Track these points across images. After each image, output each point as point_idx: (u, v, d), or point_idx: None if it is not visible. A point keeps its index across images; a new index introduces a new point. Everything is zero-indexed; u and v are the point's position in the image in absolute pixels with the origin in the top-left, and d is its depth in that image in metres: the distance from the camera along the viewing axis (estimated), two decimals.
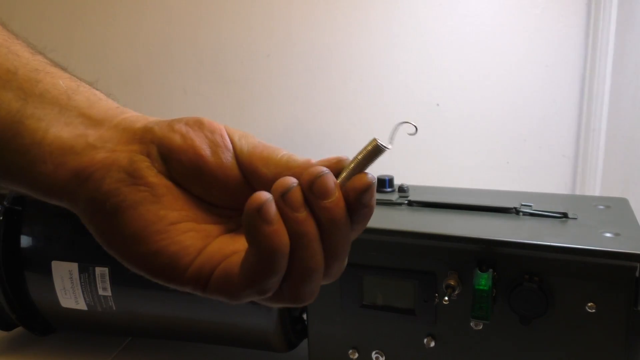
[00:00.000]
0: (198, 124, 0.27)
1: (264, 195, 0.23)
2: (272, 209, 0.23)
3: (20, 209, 0.53)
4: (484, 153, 1.10)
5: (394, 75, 1.10)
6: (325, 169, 0.24)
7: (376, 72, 1.09)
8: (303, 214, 0.24)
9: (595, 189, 1.01)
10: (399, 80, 1.10)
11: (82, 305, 0.52)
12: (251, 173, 0.27)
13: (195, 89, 1.08)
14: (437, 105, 1.11)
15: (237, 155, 0.27)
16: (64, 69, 0.29)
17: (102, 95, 0.29)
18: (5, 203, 0.52)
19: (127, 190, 0.26)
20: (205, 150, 0.27)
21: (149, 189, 0.26)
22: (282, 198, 0.24)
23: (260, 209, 0.23)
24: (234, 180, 0.27)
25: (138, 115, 0.29)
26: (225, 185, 0.27)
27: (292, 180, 0.24)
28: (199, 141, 0.27)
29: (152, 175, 0.26)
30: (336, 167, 0.26)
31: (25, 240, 0.53)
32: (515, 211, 0.46)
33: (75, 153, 0.27)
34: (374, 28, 1.08)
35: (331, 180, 0.24)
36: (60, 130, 0.27)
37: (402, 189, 0.53)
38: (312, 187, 0.24)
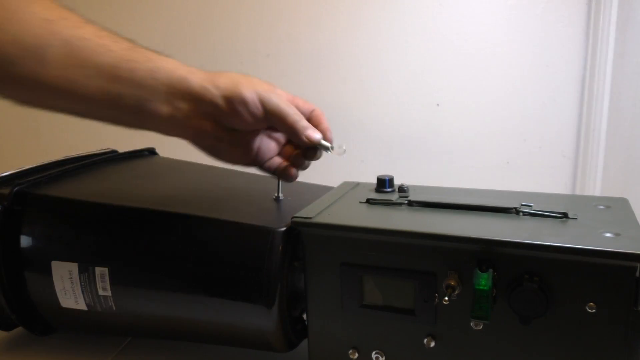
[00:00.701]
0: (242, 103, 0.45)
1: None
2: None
3: (20, 209, 0.53)
4: (484, 153, 1.10)
5: (394, 75, 1.10)
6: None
7: (376, 72, 1.09)
8: None
9: (595, 189, 1.01)
10: (399, 80, 1.10)
11: (82, 305, 0.52)
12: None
13: None
14: (437, 105, 1.11)
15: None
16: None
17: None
18: (5, 203, 0.52)
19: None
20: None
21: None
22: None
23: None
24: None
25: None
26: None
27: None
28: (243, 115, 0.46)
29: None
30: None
31: (25, 240, 0.53)
32: (515, 211, 0.46)
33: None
34: (374, 28, 1.08)
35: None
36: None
37: (402, 189, 0.53)
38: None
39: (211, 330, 0.51)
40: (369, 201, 0.51)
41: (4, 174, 0.57)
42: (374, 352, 0.46)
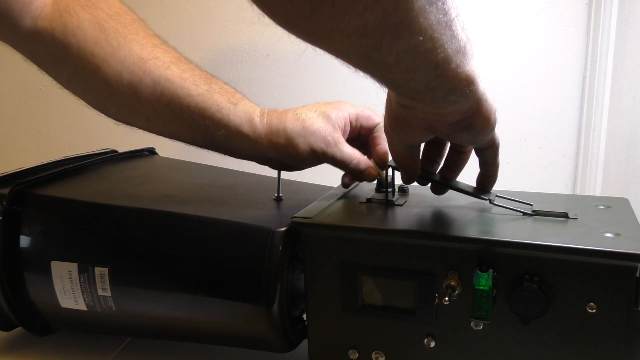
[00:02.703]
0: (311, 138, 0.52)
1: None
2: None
3: (20, 209, 0.53)
4: None
5: None
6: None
7: None
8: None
9: (595, 189, 1.01)
10: None
11: (81, 306, 0.52)
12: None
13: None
14: None
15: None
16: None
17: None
18: (5, 203, 0.52)
19: None
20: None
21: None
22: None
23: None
24: None
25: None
26: None
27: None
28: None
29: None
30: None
31: (24, 241, 0.53)
32: (489, 201, 0.46)
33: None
34: None
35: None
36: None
37: (402, 189, 0.53)
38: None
39: (211, 330, 0.51)
40: (369, 201, 0.51)
41: (4, 174, 0.57)
42: (374, 352, 0.46)
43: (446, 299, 0.40)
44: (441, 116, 0.38)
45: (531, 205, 0.46)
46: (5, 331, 0.61)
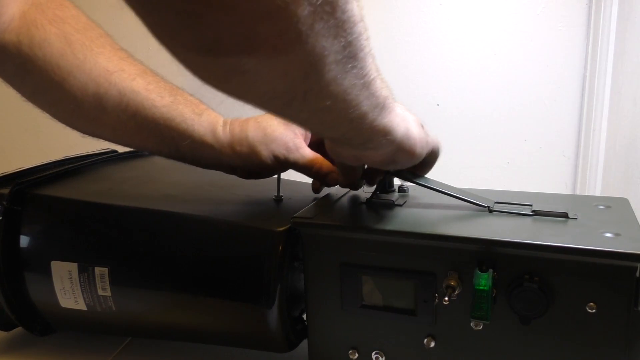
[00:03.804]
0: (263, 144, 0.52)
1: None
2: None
3: (20, 209, 0.53)
4: (484, 153, 1.10)
5: (394, 75, 1.10)
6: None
7: None
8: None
9: (595, 189, 1.01)
10: (399, 80, 1.10)
11: (81, 306, 0.52)
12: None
13: (194, 89, 1.07)
14: (437, 105, 1.10)
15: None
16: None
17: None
18: (5, 203, 0.52)
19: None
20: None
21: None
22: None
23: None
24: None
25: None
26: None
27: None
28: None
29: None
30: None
31: (24, 241, 0.53)
32: (489, 210, 0.46)
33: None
34: (374, 28, 1.08)
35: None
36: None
37: (402, 189, 0.53)
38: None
39: (211, 330, 0.51)
40: (369, 201, 0.51)
41: (4, 174, 0.57)
42: (374, 352, 0.46)
43: (446, 299, 0.40)
44: (364, 157, 0.41)
45: (530, 206, 0.46)
46: (5, 331, 0.61)
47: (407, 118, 0.40)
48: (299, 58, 0.25)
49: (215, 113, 0.53)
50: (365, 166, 0.49)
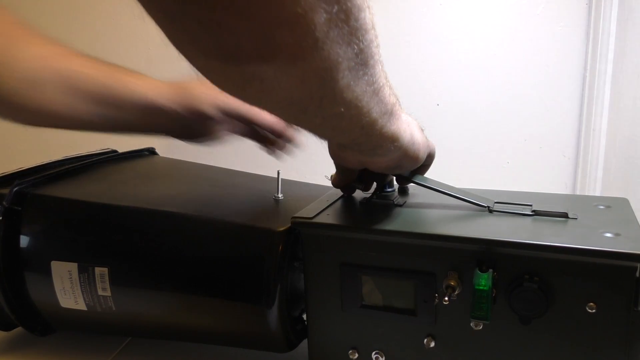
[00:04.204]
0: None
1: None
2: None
3: (20, 209, 0.53)
4: (484, 153, 1.10)
5: (394, 75, 1.10)
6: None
7: None
8: None
9: (595, 189, 1.01)
10: (399, 80, 1.09)
11: (81, 306, 0.52)
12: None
13: None
14: (437, 105, 1.10)
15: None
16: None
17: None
18: (5, 203, 0.52)
19: None
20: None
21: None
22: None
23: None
24: None
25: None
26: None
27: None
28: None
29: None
30: None
31: (24, 241, 0.53)
32: (489, 210, 0.46)
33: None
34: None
35: None
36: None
37: (402, 189, 0.53)
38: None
39: (211, 330, 0.51)
40: (368, 201, 0.51)
41: (4, 174, 0.57)
42: (374, 352, 0.46)
43: (446, 299, 0.40)
44: (371, 162, 0.42)
45: (530, 206, 0.46)
46: (5, 331, 0.60)
47: (411, 123, 0.41)
48: (315, 65, 0.26)
49: (158, 80, 0.56)
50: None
